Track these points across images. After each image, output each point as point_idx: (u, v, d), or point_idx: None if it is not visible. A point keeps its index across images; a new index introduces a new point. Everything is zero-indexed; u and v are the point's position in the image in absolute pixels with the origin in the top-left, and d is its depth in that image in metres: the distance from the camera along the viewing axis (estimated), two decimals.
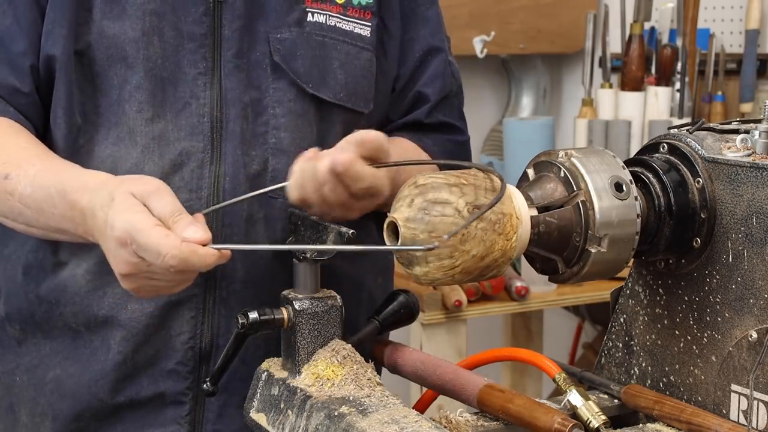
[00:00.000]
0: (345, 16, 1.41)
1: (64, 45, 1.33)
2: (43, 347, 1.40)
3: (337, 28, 1.40)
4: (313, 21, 1.39)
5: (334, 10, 1.40)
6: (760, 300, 1.05)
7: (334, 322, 1.19)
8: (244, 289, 1.34)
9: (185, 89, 1.34)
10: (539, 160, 1.12)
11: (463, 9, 3.19)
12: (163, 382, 1.34)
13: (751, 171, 1.05)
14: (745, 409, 1.07)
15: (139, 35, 1.33)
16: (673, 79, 2.97)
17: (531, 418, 1.07)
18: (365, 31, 1.42)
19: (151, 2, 1.33)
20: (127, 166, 1.33)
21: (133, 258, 1.12)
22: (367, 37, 1.42)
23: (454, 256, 1.03)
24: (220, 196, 1.33)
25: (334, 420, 1.08)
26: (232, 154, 1.35)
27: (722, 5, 3.09)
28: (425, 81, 1.49)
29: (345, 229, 1.15)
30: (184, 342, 1.33)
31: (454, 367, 1.20)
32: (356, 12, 1.42)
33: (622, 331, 1.23)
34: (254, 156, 1.36)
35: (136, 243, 1.10)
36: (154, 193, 1.14)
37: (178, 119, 1.34)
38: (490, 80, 3.52)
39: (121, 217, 1.12)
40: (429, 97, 1.49)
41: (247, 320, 1.19)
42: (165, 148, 1.33)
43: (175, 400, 1.35)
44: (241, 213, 1.34)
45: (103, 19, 1.34)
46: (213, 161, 1.35)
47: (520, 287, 2.53)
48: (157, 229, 1.10)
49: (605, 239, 1.06)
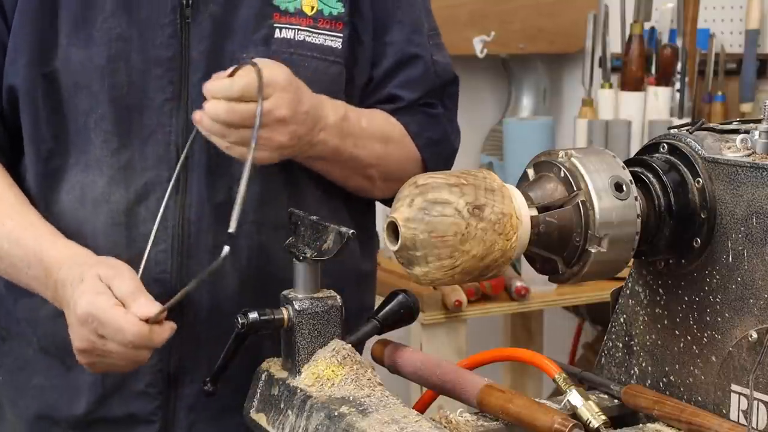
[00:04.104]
0: (315, 28, 1.38)
1: (26, 74, 1.34)
2: (26, 352, 1.42)
3: (306, 42, 1.38)
4: (280, 38, 1.37)
5: (303, 24, 1.38)
6: (760, 300, 1.05)
7: (334, 322, 1.19)
8: (209, 317, 1.36)
9: (152, 117, 1.33)
10: (539, 160, 1.12)
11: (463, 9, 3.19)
12: (133, 403, 1.38)
13: (751, 171, 1.05)
14: (745, 409, 1.07)
15: (105, 63, 1.33)
16: (673, 79, 2.97)
17: (531, 418, 1.07)
18: (336, 42, 1.39)
19: (117, 26, 1.33)
20: (94, 194, 1.36)
21: (92, 336, 1.22)
22: (337, 49, 1.39)
23: (454, 256, 1.03)
24: (185, 226, 1.35)
25: (334, 420, 1.08)
26: (197, 184, 1.35)
27: (722, 5, 3.09)
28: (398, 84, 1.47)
29: (345, 229, 1.16)
30: (152, 365, 1.36)
31: (454, 367, 1.20)
32: (327, 23, 1.39)
33: (622, 331, 1.23)
34: (219, 185, 1.36)
35: (97, 321, 1.20)
36: (117, 276, 1.23)
37: (145, 148, 1.34)
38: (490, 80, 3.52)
39: (84, 298, 1.21)
40: (403, 98, 1.47)
41: (247, 320, 1.19)
42: (131, 178, 1.34)
43: (146, 420, 1.39)
44: (206, 244, 1.35)
45: (69, 45, 1.34)
46: (179, 191, 1.35)
47: (520, 287, 2.53)
48: (117, 308, 1.20)
49: (605, 239, 1.06)
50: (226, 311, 1.34)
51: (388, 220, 1.06)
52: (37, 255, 1.32)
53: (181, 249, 1.34)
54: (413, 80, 1.46)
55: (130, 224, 1.34)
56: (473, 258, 1.03)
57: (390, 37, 1.45)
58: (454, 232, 1.02)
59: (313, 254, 1.19)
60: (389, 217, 1.06)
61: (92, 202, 1.35)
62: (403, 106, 1.47)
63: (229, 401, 1.38)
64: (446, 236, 1.02)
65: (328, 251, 1.17)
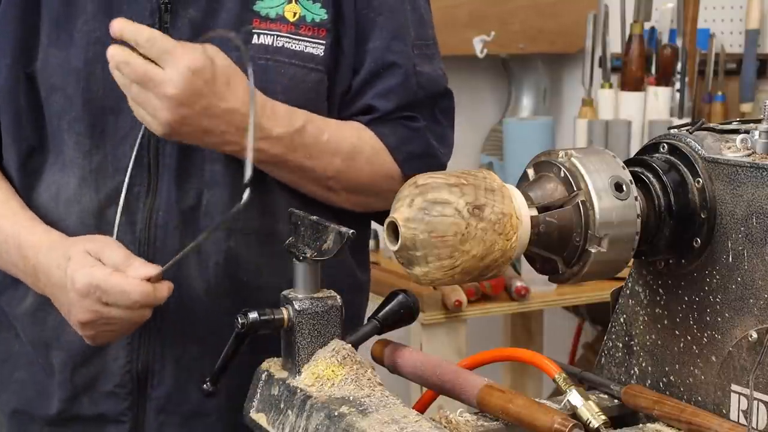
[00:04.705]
0: (297, 35, 1.36)
1: (8, 73, 1.35)
2: (12, 345, 1.43)
3: (285, 49, 1.35)
4: (257, 44, 1.35)
5: (284, 30, 1.36)
6: (760, 300, 1.05)
7: (334, 322, 1.19)
8: (176, 319, 1.36)
9: (125, 120, 1.33)
10: (539, 160, 1.12)
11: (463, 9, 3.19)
12: (103, 403, 1.39)
13: (751, 171, 1.05)
14: (745, 409, 1.07)
15: (82, 66, 1.33)
16: (673, 79, 2.97)
17: (531, 418, 1.07)
18: (318, 50, 1.37)
19: (97, 29, 1.32)
20: (67, 195, 1.37)
21: (96, 305, 1.24)
22: (319, 56, 1.37)
23: (454, 256, 1.03)
24: (152, 230, 1.35)
25: (334, 420, 1.08)
26: (167, 188, 1.35)
27: (722, 5, 3.09)
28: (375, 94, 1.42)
29: (345, 230, 1.15)
30: (121, 366, 1.37)
31: (454, 367, 1.20)
32: (310, 30, 1.36)
33: (622, 331, 1.23)
34: (188, 189, 1.35)
35: (100, 290, 1.23)
36: (105, 247, 1.27)
37: (117, 151, 1.34)
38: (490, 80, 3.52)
39: (81, 272, 1.24)
40: (378, 108, 1.42)
41: (247, 320, 1.19)
42: (102, 181, 1.35)
43: (116, 420, 1.40)
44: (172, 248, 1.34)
45: (49, 45, 1.34)
46: (149, 194, 1.35)
47: (520, 287, 2.53)
48: (116, 274, 1.24)
49: (605, 239, 1.06)
50: (193, 315, 1.35)
51: (388, 220, 1.06)
52: (15, 242, 1.34)
53: (147, 253, 1.34)
54: (389, 90, 1.42)
55: (100, 226, 1.35)
56: (473, 258, 1.03)
57: (370, 44, 1.41)
58: (454, 232, 1.02)
59: (313, 254, 1.19)
60: (389, 217, 1.06)
61: (65, 202, 1.36)
62: (378, 117, 1.42)
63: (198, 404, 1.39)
64: (446, 236, 1.02)
65: (328, 251, 1.17)
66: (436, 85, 1.47)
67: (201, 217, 1.36)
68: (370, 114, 1.43)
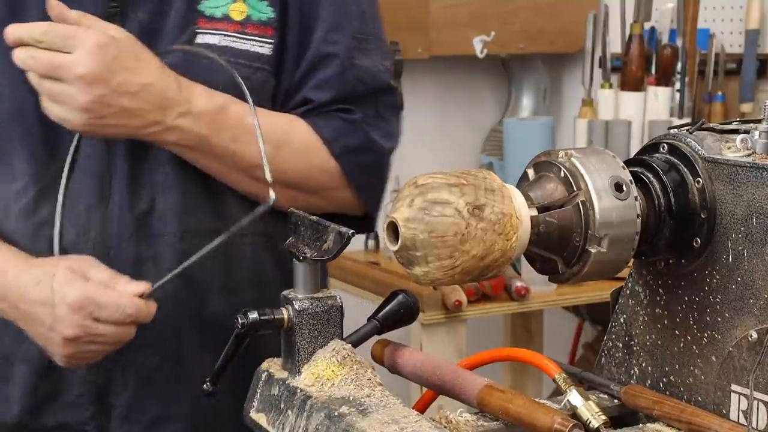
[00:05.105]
0: (243, 34, 1.35)
1: None
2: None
3: (231, 48, 1.34)
4: (201, 43, 1.33)
5: (230, 29, 1.34)
6: (760, 300, 1.05)
7: (334, 322, 1.19)
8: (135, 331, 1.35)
9: None
10: (539, 160, 1.12)
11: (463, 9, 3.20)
12: (66, 412, 1.38)
13: (751, 171, 1.05)
14: (745, 409, 1.07)
15: None
16: (673, 79, 2.97)
17: (531, 418, 1.07)
18: (265, 48, 1.35)
19: None
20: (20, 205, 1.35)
21: (86, 321, 1.24)
22: (265, 55, 1.35)
23: (454, 256, 1.03)
24: (105, 238, 1.34)
25: (334, 420, 1.08)
26: (119, 194, 1.33)
27: (722, 5, 3.09)
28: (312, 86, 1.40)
29: (345, 229, 1.15)
30: (82, 376, 1.37)
31: (454, 367, 1.20)
32: (256, 29, 1.35)
33: (622, 331, 1.23)
34: (142, 195, 1.34)
35: (94, 303, 1.24)
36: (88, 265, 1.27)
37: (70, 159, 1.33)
38: (490, 80, 3.52)
39: (73, 287, 1.24)
40: (313, 99, 1.40)
41: (247, 320, 1.19)
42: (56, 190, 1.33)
43: (79, 429, 1.39)
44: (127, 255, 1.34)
45: None
46: (102, 202, 1.34)
47: (520, 287, 2.53)
48: (110, 289, 1.25)
49: (605, 239, 1.06)
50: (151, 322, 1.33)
51: (387, 220, 1.06)
52: None
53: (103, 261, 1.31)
54: (325, 81, 1.40)
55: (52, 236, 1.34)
56: (473, 258, 1.03)
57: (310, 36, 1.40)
58: (454, 232, 1.02)
59: (313, 254, 1.19)
60: (389, 217, 1.06)
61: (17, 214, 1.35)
62: (313, 108, 1.40)
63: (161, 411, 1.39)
64: (446, 236, 1.02)
65: (328, 251, 1.17)
66: (375, 80, 1.44)
67: (154, 223, 1.34)
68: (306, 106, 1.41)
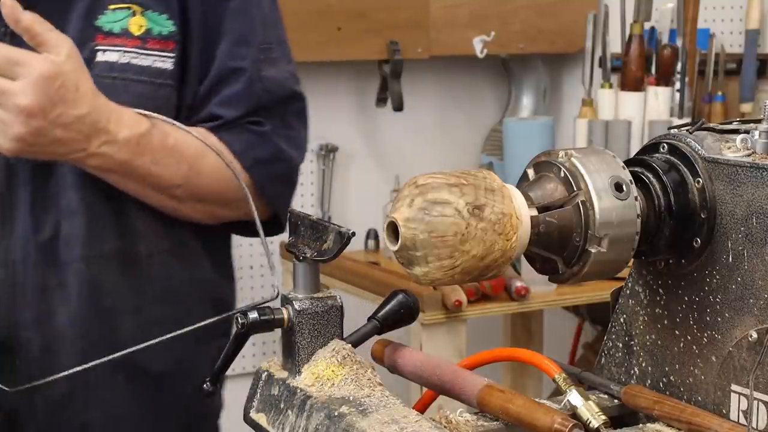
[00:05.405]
0: (143, 49, 1.32)
1: None
2: None
3: (132, 65, 1.32)
4: (102, 61, 1.31)
5: (129, 44, 1.32)
6: (760, 300, 1.05)
7: (334, 322, 1.19)
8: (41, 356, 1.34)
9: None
10: (539, 160, 1.12)
11: (463, 9, 3.20)
12: None
13: (751, 171, 1.05)
14: (745, 409, 1.07)
15: None
16: (673, 79, 2.97)
17: (531, 418, 1.07)
18: (166, 63, 1.33)
19: None
20: None
21: None
22: (167, 70, 1.33)
23: (454, 256, 1.03)
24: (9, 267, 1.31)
25: (334, 420, 1.08)
26: (22, 222, 1.31)
27: (722, 5, 3.09)
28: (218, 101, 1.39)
29: (345, 229, 1.15)
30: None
31: (454, 367, 1.20)
32: (157, 44, 1.33)
33: (622, 331, 1.23)
34: (46, 221, 1.31)
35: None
36: None
37: None
38: (490, 80, 3.52)
39: None
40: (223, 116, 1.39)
41: (247, 320, 1.19)
42: None
43: None
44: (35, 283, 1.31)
45: None
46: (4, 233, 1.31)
47: (520, 287, 2.53)
48: None
49: (605, 239, 1.06)
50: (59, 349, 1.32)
51: (387, 220, 1.06)
52: None
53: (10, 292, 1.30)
54: (233, 97, 1.38)
55: None
56: (473, 258, 1.03)
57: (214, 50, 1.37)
58: (454, 232, 1.02)
59: (313, 254, 1.19)
60: (389, 217, 1.06)
61: None
62: (222, 124, 1.39)
63: None
64: (446, 236, 1.02)
65: (328, 251, 1.17)
66: (282, 89, 1.43)
67: (60, 248, 1.32)
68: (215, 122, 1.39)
